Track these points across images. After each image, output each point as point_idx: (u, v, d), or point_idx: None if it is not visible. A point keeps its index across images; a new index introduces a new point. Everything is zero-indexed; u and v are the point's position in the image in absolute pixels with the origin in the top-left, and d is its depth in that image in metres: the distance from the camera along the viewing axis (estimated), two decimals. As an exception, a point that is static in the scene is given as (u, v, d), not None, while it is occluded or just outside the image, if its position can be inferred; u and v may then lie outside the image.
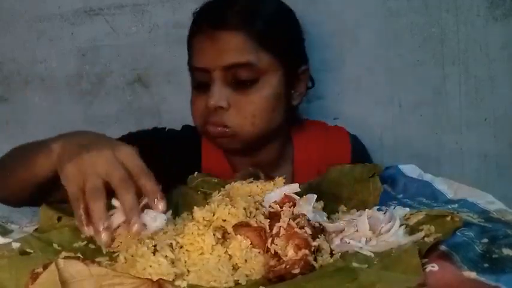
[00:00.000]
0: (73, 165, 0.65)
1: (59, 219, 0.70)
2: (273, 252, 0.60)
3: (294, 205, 0.66)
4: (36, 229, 0.70)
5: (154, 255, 0.58)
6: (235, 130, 0.95)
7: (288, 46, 1.00)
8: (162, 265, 0.57)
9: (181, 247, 0.61)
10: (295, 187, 0.69)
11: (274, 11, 1.00)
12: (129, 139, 1.02)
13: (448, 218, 0.62)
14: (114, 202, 0.64)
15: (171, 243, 0.61)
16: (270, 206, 0.67)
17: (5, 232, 0.71)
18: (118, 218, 0.64)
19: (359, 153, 1.10)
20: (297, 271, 0.57)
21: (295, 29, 1.04)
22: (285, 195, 0.68)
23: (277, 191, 0.69)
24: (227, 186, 0.75)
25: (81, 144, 0.68)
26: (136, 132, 1.06)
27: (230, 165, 1.04)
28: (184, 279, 0.57)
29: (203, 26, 0.97)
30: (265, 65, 0.95)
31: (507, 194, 1.25)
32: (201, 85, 0.97)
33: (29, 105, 1.34)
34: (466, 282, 0.52)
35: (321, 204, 0.69)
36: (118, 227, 0.64)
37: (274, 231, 0.62)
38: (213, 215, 0.65)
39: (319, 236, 0.62)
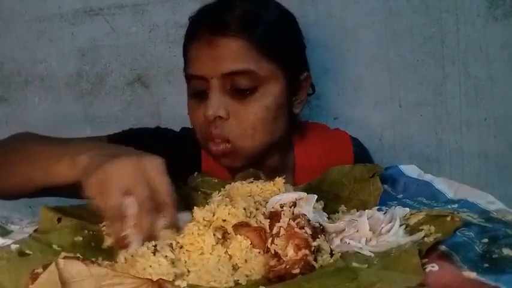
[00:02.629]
0: (95, 178, 0.63)
1: (59, 220, 0.70)
2: (273, 252, 0.60)
3: (294, 205, 0.66)
4: (36, 230, 0.70)
5: (154, 255, 0.58)
6: (236, 145, 0.92)
7: (289, 53, 0.96)
8: (162, 265, 0.57)
9: (181, 247, 0.61)
10: (303, 196, 0.68)
11: (275, 17, 0.96)
12: (129, 134, 1.02)
13: (448, 218, 0.62)
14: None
15: (171, 243, 0.61)
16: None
17: (5, 233, 0.71)
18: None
19: (361, 157, 1.07)
20: (297, 271, 0.57)
21: (296, 36, 1.00)
22: None
23: (283, 195, 0.68)
24: (227, 186, 0.75)
25: (106, 155, 0.66)
26: (137, 128, 1.05)
27: (230, 173, 1.00)
28: (184, 279, 0.57)
29: (200, 31, 0.93)
30: (265, 73, 0.92)
31: (507, 194, 1.26)
32: (198, 94, 0.94)
33: (29, 105, 1.34)
34: (466, 282, 0.52)
35: (321, 204, 0.69)
36: None
37: (274, 231, 0.62)
38: (213, 215, 0.65)
39: (319, 236, 0.62)
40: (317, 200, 0.68)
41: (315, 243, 0.60)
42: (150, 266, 0.57)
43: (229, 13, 0.92)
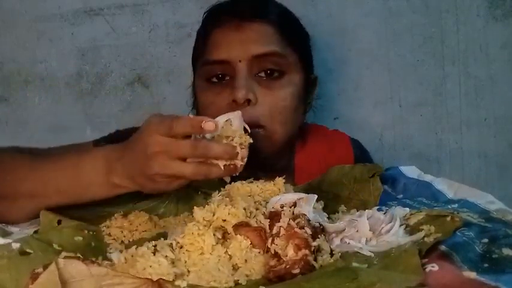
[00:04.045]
0: (153, 163, 0.68)
1: (59, 222, 0.70)
2: (273, 252, 0.60)
3: (294, 205, 0.66)
4: (36, 231, 0.70)
5: (154, 255, 0.58)
6: (270, 130, 0.91)
7: (307, 49, 1.00)
8: (162, 265, 0.57)
9: (181, 247, 0.61)
10: (303, 196, 0.68)
11: (287, 11, 1.01)
12: (117, 136, 1.01)
13: (448, 218, 0.62)
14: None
15: (171, 243, 0.61)
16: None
17: (5, 234, 0.71)
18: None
19: (361, 159, 1.06)
20: (297, 271, 0.57)
21: (307, 35, 1.04)
22: None
23: (283, 195, 0.68)
24: (227, 186, 0.75)
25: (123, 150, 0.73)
26: (125, 129, 1.03)
27: None
28: (184, 279, 0.57)
29: (226, 18, 0.94)
30: (291, 60, 0.94)
31: (507, 194, 1.26)
32: (218, 81, 0.93)
33: (29, 105, 1.34)
34: (466, 282, 0.52)
35: (321, 204, 0.69)
36: None
37: (274, 231, 0.62)
38: (213, 215, 0.65)
39: (319, 236, 0.62)
40: (317, 200, 0.68)
41: (315, 243, 0.60)
42: (150, 266, 0.57)
43: (252, 1, 0.96)
